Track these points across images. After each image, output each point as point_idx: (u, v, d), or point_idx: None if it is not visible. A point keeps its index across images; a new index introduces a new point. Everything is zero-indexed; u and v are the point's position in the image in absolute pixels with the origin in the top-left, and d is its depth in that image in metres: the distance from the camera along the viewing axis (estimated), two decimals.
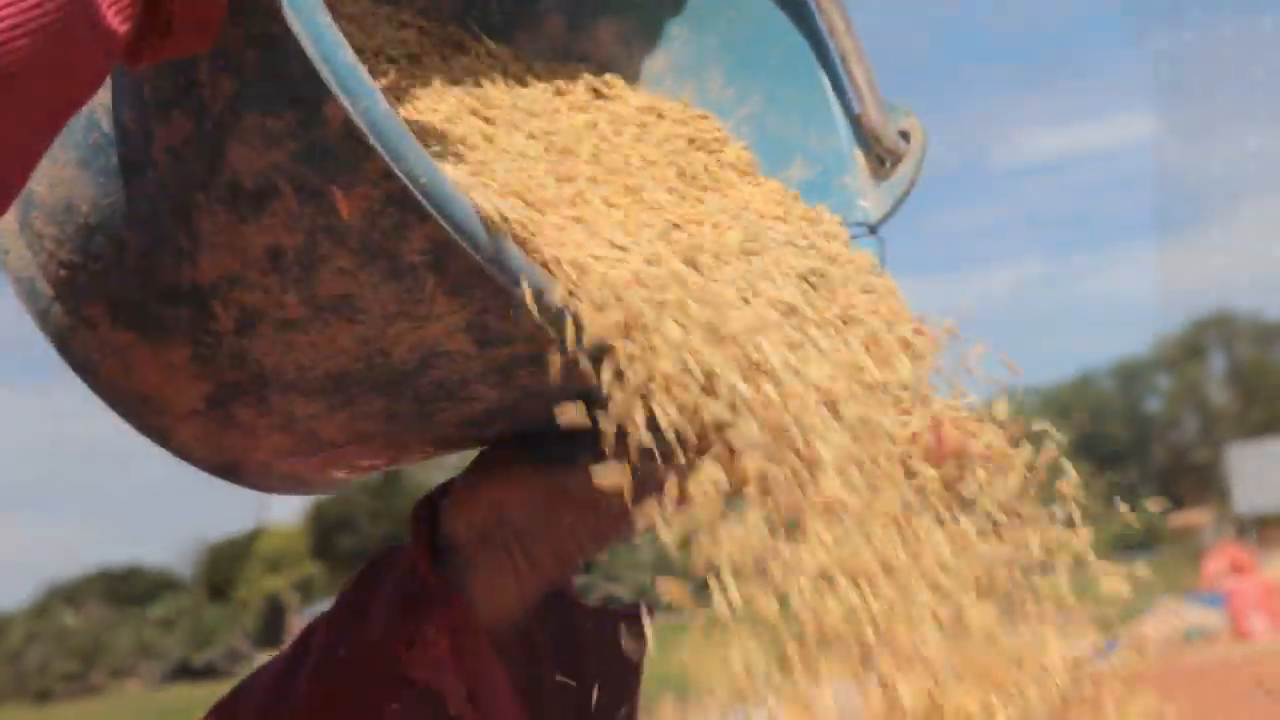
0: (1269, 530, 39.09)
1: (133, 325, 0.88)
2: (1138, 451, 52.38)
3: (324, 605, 0.99)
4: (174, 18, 0.72)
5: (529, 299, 0.76)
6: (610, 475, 0.76)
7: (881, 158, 0.98)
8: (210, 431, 0.90)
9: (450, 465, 0.98)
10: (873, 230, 0.96)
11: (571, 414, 0.77)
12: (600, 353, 0.77)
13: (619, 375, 0.76)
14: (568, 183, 0.87)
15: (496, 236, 0.76)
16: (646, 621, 0.91)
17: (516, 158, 0.88)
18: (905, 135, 0.99)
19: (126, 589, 49.39)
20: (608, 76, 1.02)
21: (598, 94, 1.00)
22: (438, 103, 0.90)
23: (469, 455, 0.96)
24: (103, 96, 0.84)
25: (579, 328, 0.76)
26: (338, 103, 0.74)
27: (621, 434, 0.76)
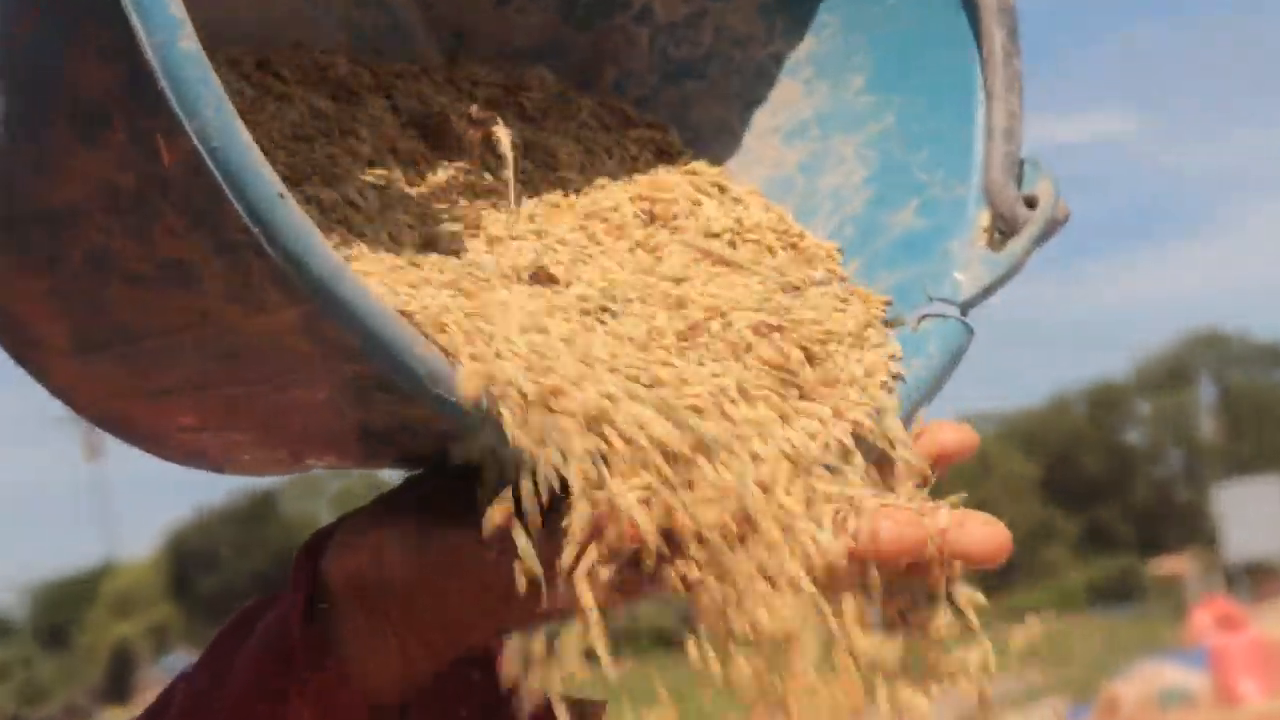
0: (1262, 580, 39.47)
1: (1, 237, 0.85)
2: (1115, 489, 52.26)
3: (179, 655, 1.12)
4: None
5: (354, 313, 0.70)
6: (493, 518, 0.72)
7: (1000, 227, 0.87)
8: (87, 379, 0.86)
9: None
10: (962, 311, 0.86)
11: (459, 454, 0.74)
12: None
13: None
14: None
15: (302, 226, 0.70)
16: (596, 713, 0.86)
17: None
18: (1031, 203, 0.87)
19: None
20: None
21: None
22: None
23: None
24: None
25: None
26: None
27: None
